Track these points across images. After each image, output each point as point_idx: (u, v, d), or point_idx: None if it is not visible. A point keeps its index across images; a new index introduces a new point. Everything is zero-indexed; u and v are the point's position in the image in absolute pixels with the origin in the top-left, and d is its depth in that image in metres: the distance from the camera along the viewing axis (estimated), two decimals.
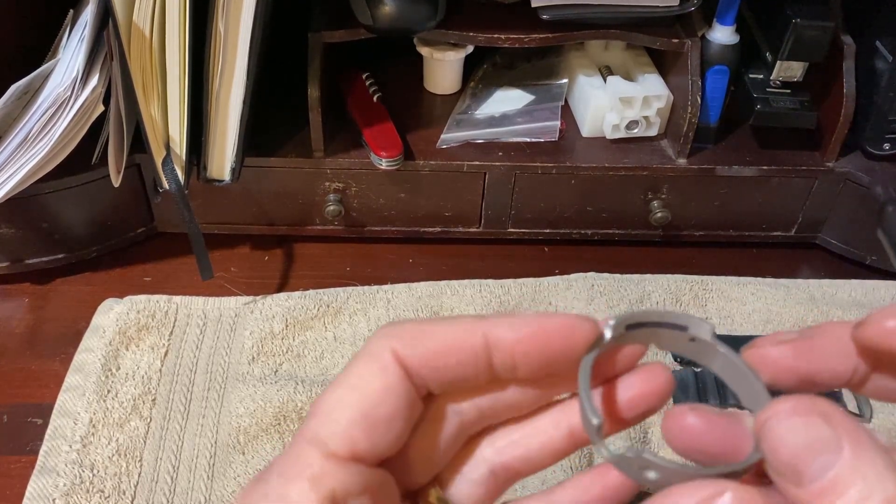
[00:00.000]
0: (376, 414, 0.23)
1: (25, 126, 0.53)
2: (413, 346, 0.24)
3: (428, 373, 0.24)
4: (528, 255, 0.69)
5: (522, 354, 0.24)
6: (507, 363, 0.24)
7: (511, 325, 0.24)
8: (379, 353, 0.24)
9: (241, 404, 0.54)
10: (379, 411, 0.23)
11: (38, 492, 0.49)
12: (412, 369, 0.24)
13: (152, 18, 0.51)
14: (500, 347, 0.24)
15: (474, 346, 0.24)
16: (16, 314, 0.62)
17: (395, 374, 0.24)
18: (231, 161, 0.60)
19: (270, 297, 0.62)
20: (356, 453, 0.23)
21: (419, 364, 0.24)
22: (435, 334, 0.24)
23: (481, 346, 0.24)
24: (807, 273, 0.69)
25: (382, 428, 0.23)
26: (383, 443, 0.24)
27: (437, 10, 0.59)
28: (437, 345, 0.24)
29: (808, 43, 0.60)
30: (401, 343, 0.24)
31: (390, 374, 0.24)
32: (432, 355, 0.24)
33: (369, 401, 0.23)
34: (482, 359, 0.24)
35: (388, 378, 0.24)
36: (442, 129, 0.66)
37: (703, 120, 0.63)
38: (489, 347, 0.24)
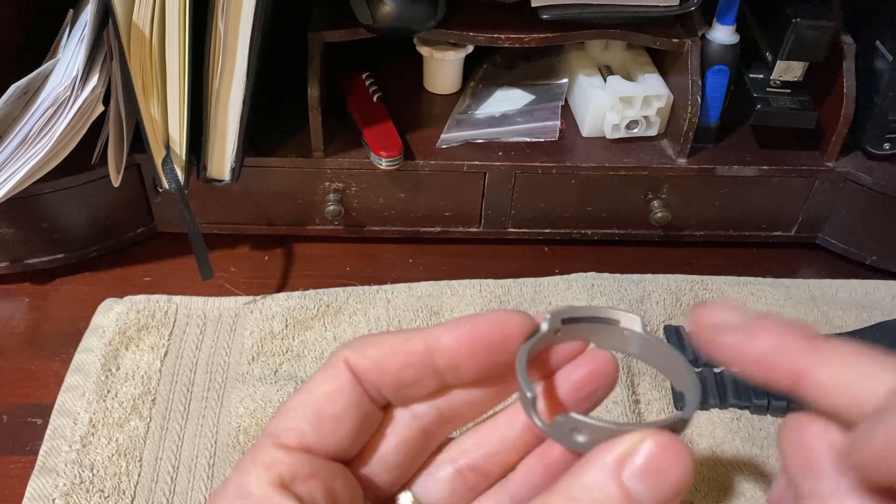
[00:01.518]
0: (324, 411, 0.26)
1: (25, 126, 0.53)
2: (362, 354, 0.26)
3: (376, 377, 0.26)
4: (528, 255, 0.69)
5: (463, 355, 0.26)
6: (450, 365, 0.26)
7: (448, 329, 0.26)
8: (334, 362, 0.27)
9: (240, 404, 0.54)
10: (326, 409, 0.26)
11: (37, 492, 0.49)
12: (362, 375, 0.26)
13: (152, 18, 0.51)
14: (440, 350, 0.26)
15: (416, 351, 0.26)
16: (16, 314, 0.62)
17: (345, 378, 0.26)
18: (231, 161, 0.60)
19: (270, 297, 0.62)
20: (304, 444, 0.25)
21: (367, 369, 0.26)
22: (379, 342, 0.27)
23: (423, 350, 0.26)
24: (807, 273, 0.69)
25: (330, 424, 0.26)
26: (332, 438, 0.26)
27: (437, 10, 0.59)
28: (382, 351, 0.26)
29: (808, 43, 0.60)
30: (351, 352, 0.27)
31: (340, 378, 0.26)
32: (378, 361, 0.26)
33: (319, 400, 0.26)
34: (425, 363, 0.26)
35: (337, 381, 0.26)
36: (442, 129, 0.66)
37: (703, 120, 0.63)
38: (431, 352, 0.26)
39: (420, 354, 0.26)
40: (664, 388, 0.57)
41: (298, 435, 0.25)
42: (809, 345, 0.23)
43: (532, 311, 0.61)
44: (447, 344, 0.26)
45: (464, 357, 0.26)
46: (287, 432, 0.25)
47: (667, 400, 0.56)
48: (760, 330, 0.24)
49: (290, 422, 0.25)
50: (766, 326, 0.24)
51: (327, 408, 0.26)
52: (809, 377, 0.22)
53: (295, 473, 0.24)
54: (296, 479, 0.24)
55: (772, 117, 0.62)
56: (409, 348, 0.26)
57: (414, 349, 0.26)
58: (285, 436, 0.25)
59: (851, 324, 0.62)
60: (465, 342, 0.26)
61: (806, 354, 0.23)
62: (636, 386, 0.57)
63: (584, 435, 0.24)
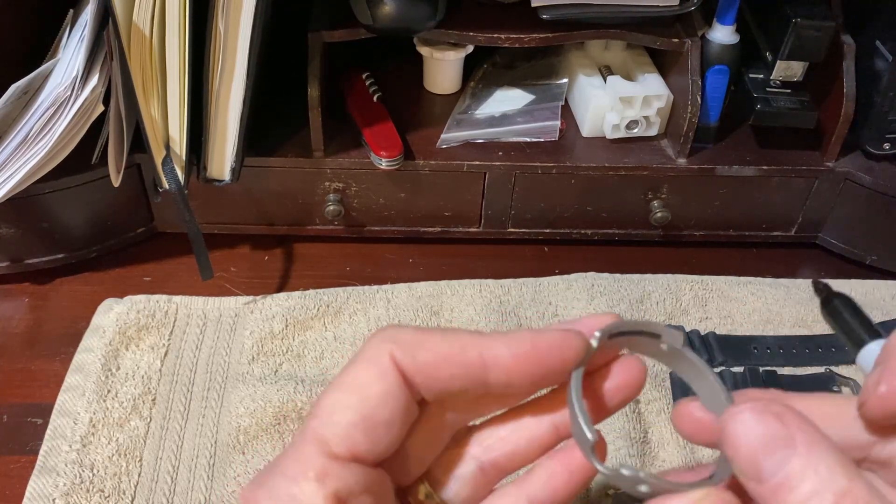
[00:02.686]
0: (376, 417, 0.24)
1: (25, 126, 0.53)
2: (411, 355, 0.25)
3: (422, 381, 0.25)
4: (528, 255, 0.69)
5: (518, 373, 0.25)
6: (502, 380, 0.25)
7: (507, 345, 0.25)
8: (378, 357, 0.25)
9: (241, 404, 0.54)
10: (378, 414, 0.24)
11: (37, 492, 0.49)
12: (408, 376, 0.25)
13: (152, 18, 0.51)
14: (496, 366, 0.25)
15: (470, 363, 0.25)
16: (16, 314, 0.62)
17: (394, 379, 0.24)
18: (231, 161, 0.60)
19: (270, 296, 0.62)
20: (356, 454, 0.24)
21: (415, 372, 0.25)
22: (433, 346, 0.25)
23: (477, 363, 0.25)
24: (807, 273, 0.69)
25: (381, 430, 0.24)
26: (382, 445, 0.24)
27: (437, 10, 0.59)
28: (433, 357, 0.25)
29: (808, 43, 0.60)
30: (399, 350, 0.25)
31: (389, 380, 0.24)
32: (428, 366, 0.25)
33: (369, 404, 0.24)
34: (477, 375, 0.25)
35: (387, 383, 0.24)
36: (442, 129, 0.66)
37: (703, 120, 0.63)
38: (485, 365, 0.25)
39: (474, 367, 0.25)
40: (664, 388, 0.57)
41: (350, 444, 0.24)
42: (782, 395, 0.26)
43: (532, 311, 0.62)
44: (504, 362, 0.25)
45: (518, 375, 0.25)
46: (338, 440, 0.24)
47: (666, 399, 0.56)
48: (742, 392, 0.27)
49: (340, 427, 0.24)
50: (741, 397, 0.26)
51: (379, 413, 0.24)
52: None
53: (350, 489, 0.23)
54: (351, 496, 0.23)
55: (772, 117, 0.62)
56: (464, 359, 0.25)
57: (468, 361, 0.25)
58: (336, 444, 0.24)
59: None
60: (522, 362, 0.25)
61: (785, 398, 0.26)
62: None
63: (647, 486, 0.24)
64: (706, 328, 0.61)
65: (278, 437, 0.53)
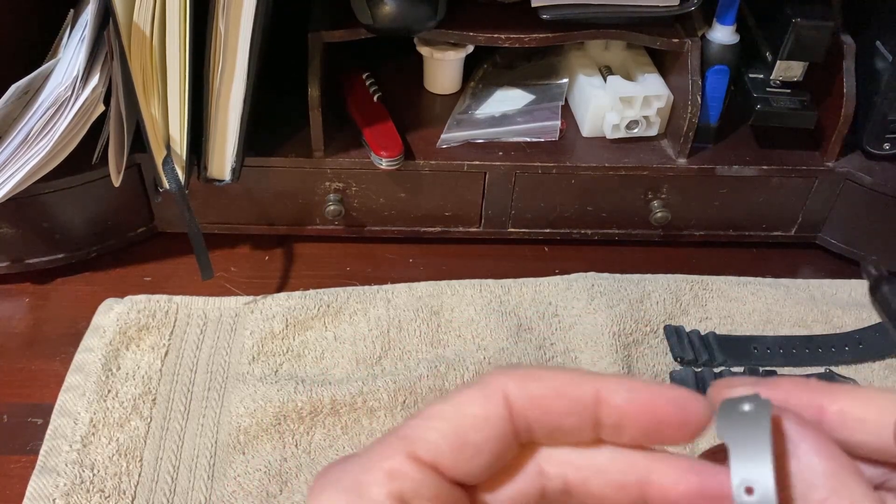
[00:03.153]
0: (467, 437, 0.24)
1: (26, 126, 0.53)
2: (525, 386, 0.24)
3: (535, 415, 0.25)
4: (528, 255, 0.69)
5: (631, 416, 0.24)
6: (614, 423, 0.24)
7: (627, 387, 0.24)
8: (489, 384, 0.25)
9: (241, 404, 0.54)
10: (470, 436, 0.24)
11: (38, 491, 0.49)
12: (518, 410, 0.24)
13: (153, 18, 0.51)
14: (611, 405, 0.24)
15: (584, 398, 0.24)
16: (16, 314, 0.62)
17: (498, 407, 0.24)
18: (231, 161, 0.60)
19: (270, 296, 0.62)
20: (436, 463, 0.24)
21: (528, 405, 0.24)
22: (548, 379, 0.25)
23: (591, 398, 0.24)
24: (807, 273, 0.69)
25: (469, 452, 0.24)
26: (465, 465, 0.24)
27: (437, 10, 0.59)
28: (547, 389, 0.25)
29: (807, 43, 0.60)
30: (513, 382, 0.25)
31: (493, 405, 0.24)
32: (543, 398, 0.24)
33: (464, 422, 0.24)
34: (589, 412, 0.24)
35: (490, 408, 0.24)
36: (442, 129, 0.66)
37: (703, 120, 0.63)
38: (599, 403, 0.24)
39: (588, 402, 0.24)
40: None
41: (434, 452, 0.24)
42: (823, 386, 0.24)
43: (532, 311, 0.62)
44: (618, 403, 0.24)
45: (631, 423, 0.24)
46: (424, 444, 0.24)
47: None
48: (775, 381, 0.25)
49: (430, 433, 0.24)
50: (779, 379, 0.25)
51: (472, 433, 0.24)
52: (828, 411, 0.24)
53: (417, 492, 0.23)
54: (416, 498, 0.23)
55: (772, 117, 0.62)
56: (579, 395, 0.24)
57: (583, 395, 0.24)
58: (420, 447, 0.24)
59: (851, 323, 0.62)
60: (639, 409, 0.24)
61: (822, 393, 0.24)
62: None
63: None
64: (706, 328, 0.61)
65: (278, 437, 0.53)
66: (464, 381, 0.56)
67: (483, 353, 0.58)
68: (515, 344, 0.59)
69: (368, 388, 0.55)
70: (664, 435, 0.25)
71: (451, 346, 0.59)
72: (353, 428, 0.54)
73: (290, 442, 0.53)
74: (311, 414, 0.54)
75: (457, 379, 0.56)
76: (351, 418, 0.54)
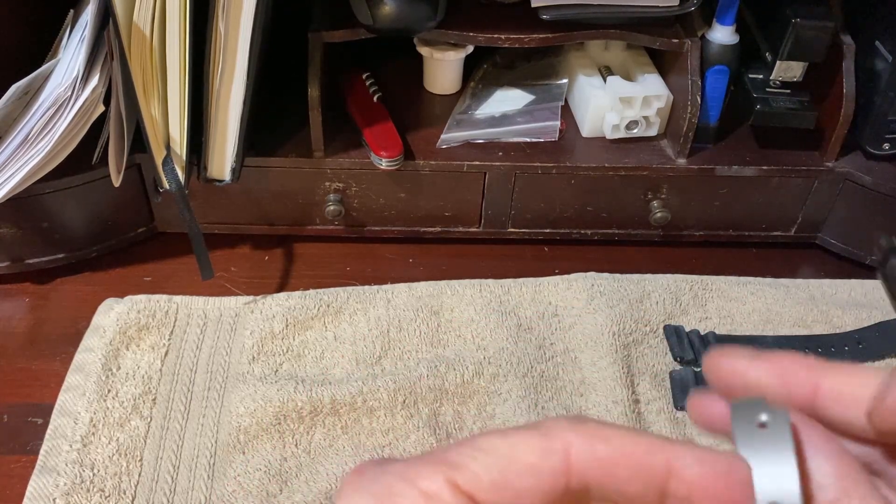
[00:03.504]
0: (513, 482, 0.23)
1: (26, 126, 0.53)
2: (591, 447, 0.24)
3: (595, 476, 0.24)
4: (528, 255, 0.69)
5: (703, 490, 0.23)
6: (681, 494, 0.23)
7: (699, 459, 0.23)
8: (554, 434, 0.24)
9: (241, 404, 0.54)
10: (516, 481, 0.23)
11: (38, 491, 0.49)
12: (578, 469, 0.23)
13: (153, 18, 0.51)
14: (682, 479, 0.23)
15: (654, 468, 0.23)
16: (16, 314, 0.62)
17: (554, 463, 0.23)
18: (231, 161, 0.60)
19: (271, 296, 0.62)
20: (474, 497, 0.23)
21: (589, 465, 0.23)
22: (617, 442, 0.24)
23: (662, 469, 0.23)
24: (807, 273, 0.69)
25: (509, 496, 0.23)
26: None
27: (437, 10, 0.59)
28: (615, 453, 0.23)
29: (807, 43, 0.60)
30: (580, 440, 0.24)
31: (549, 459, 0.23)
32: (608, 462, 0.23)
33: (515, 467, 0.23)
34: (657, 480, 0.23)
35: (544, 459, 0.23)
36: (442, 129, 0.66)
37: (703, 120, 0.63)
38: (670, 474, 0.23)
39: (657, 472, 0.23)
40: (664, 387, 0.57)
41: (475, 485, 0.23)
42: (819, 364, 0.24)
43: (532, 311, 0.62)
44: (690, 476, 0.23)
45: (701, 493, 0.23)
46: (467, 473, 0.23)
47: (666, 399, 0.56)
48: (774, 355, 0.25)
49: (476, 465, 0.23)
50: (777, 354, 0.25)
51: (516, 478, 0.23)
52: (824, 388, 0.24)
53: None
54: None
55: (772, 117, 0.63)
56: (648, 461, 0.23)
57: (653, 464, 0.23)
58: (462, 476, 0.23)
59: (851, 323, 0.62)
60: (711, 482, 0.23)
61: (818, 371, 0.24)
62: (636, 385, 0.57)
63: None
64: (706, 328, 0.61)
65: (278, 437, 0.53)
66: (463, 380, 0.56)
67: (483, 352, 0.58)
68: (515, 344, 0.59)
69: (368, 387, 0.55)
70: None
71: (451, 346, 0.59)
72: (353, 428, 0.54)
73: (290, 441, 0.53)
74: (311, 414, 0.54)
75: (457, 379, 0.56)
76: (351, 418, 0.54)
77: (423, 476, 0.23)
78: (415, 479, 0.23)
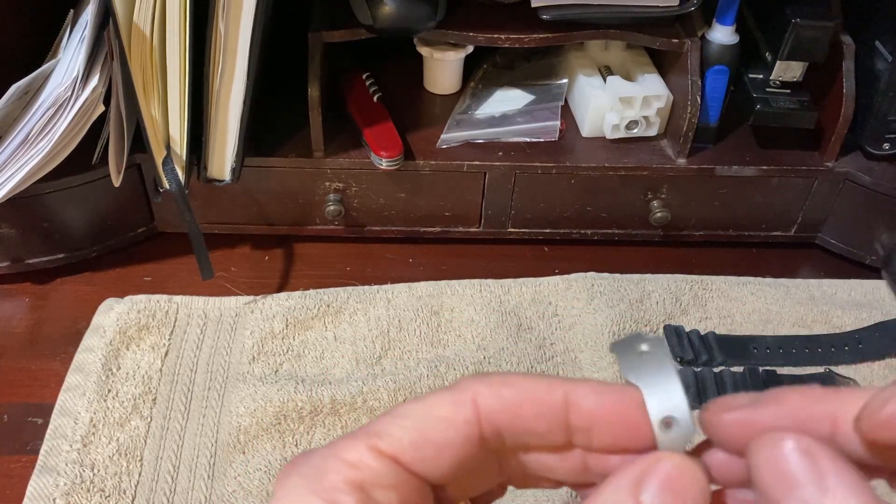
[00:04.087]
0: (429, 435, 0.25)
1: (26, 126, 0.53)
2: (497, 394, 0.25)
3: (506, 419, 0.25)
4: (528, 255, 0.69)
5: (601, 420, 0.25)
6: (583, 427, 0.25)
7: (594, 390, 0.25)
8: (461, 388, 0.25)
9: (241, 404, 0.54)
10: (432, 434, 0.25)
11: (38, 491, 0.49)
12: (489, 415, 0.25)
13: (153, 18, 0.51)
14: (580, 410, 0.25)
15: (553, 401, 0.25)
16: (16, 314, 0.62)
17: (465, 412, 0.25)
18: (231, 161, 0.60)
19: (271, 296, 0.62)
20: (397, 457, 0.24)
21: (498, 410, 0.25)
22: (519, 384, 0.25)
23: (560, 402, 0.25)
24: (806, 273, 0.69)
25: (430, 451, 0.25)
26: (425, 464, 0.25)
27: (437, 10, 0.59)
28: (518, 393, 0.25)
29: (807, 43, 0.60)
30: (485, 387, 0.25)
31: (460, 410, 0.25)
32: (514, 403, 0.25)
33: (429, 423, 0.25)
34: (559, 415, 0.25)
35: (456, 411, 0.25)
36: (442, 129, 0.66)
37: (702, 120, 0.63)
38: (568, 407, 0.25)
39: (557, 405, 0.25)
40: None
41: (396, 446, 0.24)
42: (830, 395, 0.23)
43: (532, 311, 0.62)
44: (587, 407, 0.25)
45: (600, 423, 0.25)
46: (388, 438, 0.25)
47: None
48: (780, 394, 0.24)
49: (394, 429, 0.25)
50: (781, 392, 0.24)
51: (433, 433, 0.25)
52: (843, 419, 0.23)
53: (376, 481, 0.24)
54: (375, 487, 0.24)
55: (771, 117, 0.63)
56: (549, 398, 0.25)
57: (552, 400, 0.25)
58: (383, 441, 0.24)
59: (851, 323, 0.62)
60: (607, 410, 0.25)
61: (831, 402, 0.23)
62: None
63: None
64: (706, 328, 0.61)
65: (278, 437, 0.53)
66: None
67: (483, 353, 0.58)
68: (515, 344, 0.59)
69: (368, 387, 0.55)
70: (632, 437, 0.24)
71: (451, 346, 0.59)
72: (353, 428, 0.54)
73: (291, 442, 0.53)
74: (311, 414, 0.54)
75: (456, 379, 0.56)
76: (351, 418, 0.54)
77: (347, 448, 0.24)
78: (339, 453, 0.24)
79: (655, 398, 0.24)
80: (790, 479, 0.21)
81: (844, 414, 0.23)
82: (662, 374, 0.24)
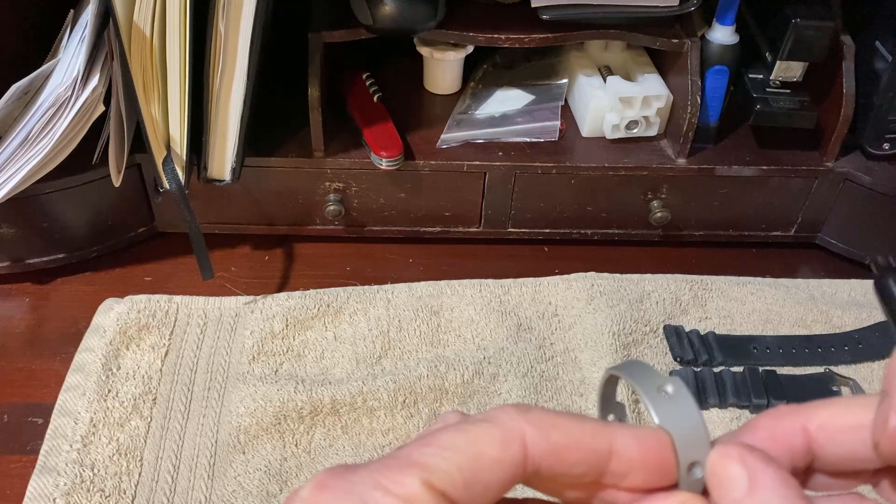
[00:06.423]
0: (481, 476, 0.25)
1: (26, 126, 0.53)
2: (545, 437, 0.25)
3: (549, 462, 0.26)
4: (528, 255, 0.69)
5: (640, 467, 0.25)
6: (621, 471, 0.26)
7: (636, 438, 0.26)
8: (511, 428, 0.26)
9: (241, 404, 0.54)
10: (483, 476, 0.25)
11: (38, 491, 0.49)
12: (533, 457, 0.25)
13: (153, 18, 0.51)
14: (621, 457, 0.25)
15: (598, 449, 0.25)
16: (16, 314, 0.62)
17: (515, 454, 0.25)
18: (231, 161, 0.60)
19: (271, 296, 0.62)
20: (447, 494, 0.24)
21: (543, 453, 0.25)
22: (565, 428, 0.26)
23: (605, 450, 0.25)
24: (806, 273, 0.69)
25: (479, 489, 0.25)
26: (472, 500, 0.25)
27: (437, 10, 0.59)
28: (564, 437, 0.25)
29: (807, 43, 0.60)
30: (533, 430, 0.25)
31: (510, 452, 0.25)
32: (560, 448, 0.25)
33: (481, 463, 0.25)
34: (601, 461, 0.26)
35: (507, 453, 0.25)
36: (442, 129, 0.66)
37: (702, 120, 0.63)
38: (611, 454, 0.25)
39: (601, 453, 0.25)
40: None
41: (447, 483, 0.24)
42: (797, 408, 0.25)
43: (532, 311, 0.62)
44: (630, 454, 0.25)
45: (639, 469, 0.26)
46: (441, 473, 0.24)
47: None
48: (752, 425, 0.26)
49: (445, 464, 0.25)
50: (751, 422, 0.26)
51: (486, 474, 0.25)
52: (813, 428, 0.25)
53: None
54: None
55: (771, 117, 0.63)
56: (594, 445, 0.25)
57: (597, 447, 0.25)
58: (437, 477, 0.24)
59: (851, 323, 0.62)
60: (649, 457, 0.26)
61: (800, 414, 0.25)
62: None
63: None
64: (706, 328, 0.61)
65: (278, 437, 0.53)
66: (463, 380, 0.56)
67: (483, 352, 0.58)
68: (515, 344, 0.59)
69: (368, 387, 0.55)
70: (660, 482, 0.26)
71: (451, 346, 0.59)
72: (353, 428, 0.54)
73: (290, 441, 0.53)
74: (311, 414, 0.54)
75: (457, 379, 0.56)
76: (351, 418, 0.54)
77: (398, 482, 0.24)
78: (389, 487, 0.23)
79: (685, 444, 0.25)
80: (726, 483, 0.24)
81: (813, 423, 0.25)
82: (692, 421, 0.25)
